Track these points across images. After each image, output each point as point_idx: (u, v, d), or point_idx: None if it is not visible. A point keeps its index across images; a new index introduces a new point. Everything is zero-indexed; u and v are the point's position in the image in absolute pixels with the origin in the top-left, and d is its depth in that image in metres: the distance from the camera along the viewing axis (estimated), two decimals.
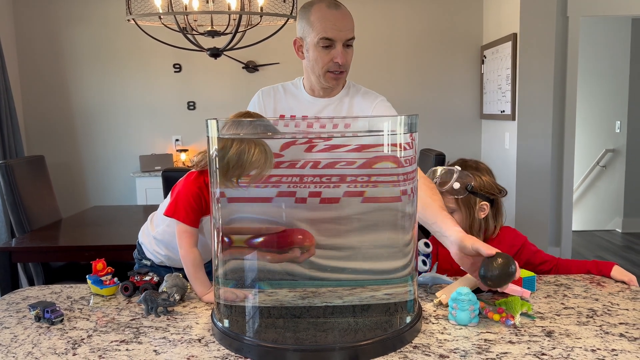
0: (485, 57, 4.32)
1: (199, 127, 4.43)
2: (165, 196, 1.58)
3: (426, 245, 1.47)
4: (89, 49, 4.37)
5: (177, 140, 4.46)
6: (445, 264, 1.55)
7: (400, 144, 1.13)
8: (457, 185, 1.60)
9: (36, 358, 1.07)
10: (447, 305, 1.29)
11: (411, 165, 1.15)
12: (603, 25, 5.27)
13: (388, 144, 1.12)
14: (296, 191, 1.09)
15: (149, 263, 1.64)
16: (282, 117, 1.70)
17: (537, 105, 3.78)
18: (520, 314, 1.23)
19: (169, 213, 1.48)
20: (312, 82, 1.69)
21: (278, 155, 1.11)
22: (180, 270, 1.55)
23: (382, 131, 1.13)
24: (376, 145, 1.12)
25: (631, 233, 5.29)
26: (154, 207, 1.71)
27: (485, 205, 1.63)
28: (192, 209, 1.46)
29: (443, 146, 4.18)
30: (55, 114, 4.41)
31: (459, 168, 1.63)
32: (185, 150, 4.38)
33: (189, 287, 1.41)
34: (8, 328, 1.23)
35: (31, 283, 2.98)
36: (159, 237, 1.60)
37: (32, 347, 1.12)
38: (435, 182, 1.59)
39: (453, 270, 1.53)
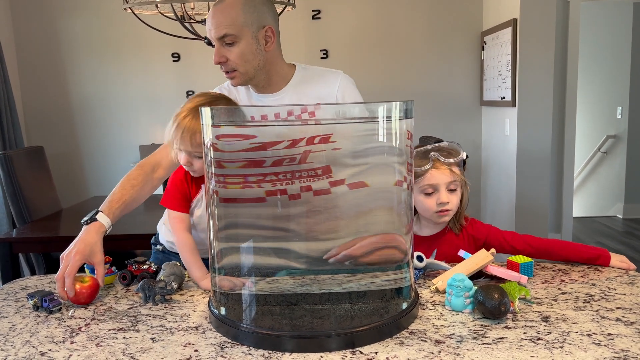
0: (486, 43, 4.29)
1: None
2: (164, 186, 1.63)
3: (419, 259, 1.41)
4: (87, 39, 4.35)
5: None
6: (444, 250, 1.55)
7: (396, 133, 1.12)
8: (464, 156, 1.51)
9: (34, 347, 1.08)
10: (444, 292, 1.30)
11: (407, 153, 1.14)
12: (604, 10, 5.22)
13: (383, 133, 1.11)
14: (288, 188, 1.08)
15: (160, 248, 1.72)
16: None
17: (538, 91, 3.76)
18: (519, 299, 1.23)
19: (162, 202, 1.52)
20: None
21: (273, 150, 1.09)
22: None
23: (377, 119, 1.12)
24: (372, 134, 1.11)
25: (632, 219, 5.29)
26: (154, 197, 1.73)
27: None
28: (180, 195, 1.49)
29: (443, 133, 4.17)
30: (54, 105, 4.41)
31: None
32: None
33: (186, 275, 1.41)
34: (6, 317, 1.24)
35: (33, 273, 2.99)
36: (166, 224, 1.66)
37: (30, 336, 1.13)
38: (435, 156, 1.49)
39: (451, 256, 1.52)
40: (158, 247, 1.75)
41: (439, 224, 1.56)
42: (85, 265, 1.47)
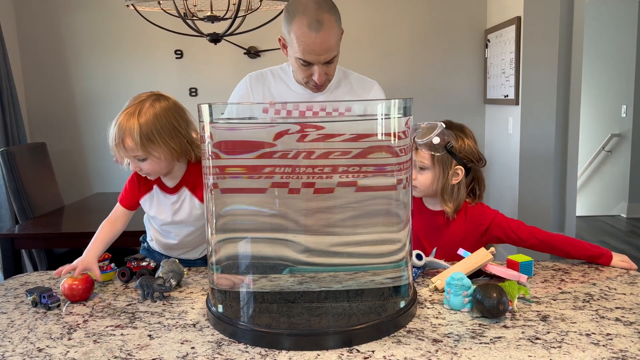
0: (489, 41, 4.27)
1: None
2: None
3: (418, 257, 1.41)
4: (90, 35, 4.35)
5: None
6: (443, 249, 1.55)
7: (394, 133, 1.11)
8: (436, 140, 1.50)
9: (31, 343, 1.08)
10: (442, 290, 1.29)
11: (405, 154, 1.14)
12: (609, 7, 5.19)
13: (382, 133, 1.10)
14: (289, 182, 1.08)
15: (146, 246, 1.75)
16: (271, 104, 1.68)
17: (541, 89, 3.74)
18: (518, 298, 1.22)
19: None
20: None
21: (271, 145, 1.09)
22: (167, 257, 1.63)
23: (376, 118, 1.11)
24: (370, 135, 1.11)
25: (636, 218, 5.26)
26: None
27: (460, 170, 1.55)
28: (126, 191, 1.60)
29: None
30: (57, 101, 4.41)
31: (443, 125, 1.54)
32: None
33: (185, 272, 1.41)
34: (5, 313, 1.24)
35: (36, 269, 3.00)
36: (145, 221, 1.72)
37: (28, 332, 1.13)
38: (416, 135, 1.52)
39: (451, 255, 1.52)
40: (145, 244, 1.76)
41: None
42: None
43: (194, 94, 4.43)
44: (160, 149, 1.43)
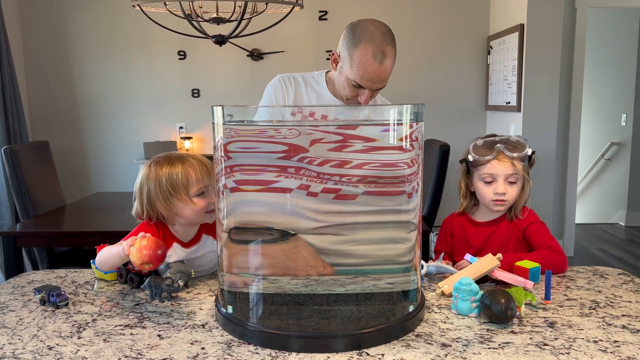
0: (492, 48, 4.30)
1: (203, 114, 4.42)
2: None
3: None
4: (93, 35, 4.36)
5: (181, 127, 4.46)
6: (494, 238, 1.58)
7: (406, 137, 1.12)
8: (529, 152, 1.57)
9: (41, 341, 1.08)
10: (449, 296, 1.30)
11: (414, 164, 1.14)
12: (611, 16, 5.22)
13: (393, 136, 1.11)
14: (300, 183, 1.09)
15: None
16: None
17: (543, 97, 3.76)
18: (524, 304, 1.23)
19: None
20: (336, 90, 1.69)
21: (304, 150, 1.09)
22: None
23: (388, 122, 1.12)
24: (382, 148, 1.12)
25: (635, 227, 5.28)
26: None
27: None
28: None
29: (447, 137, 4.16)
30: (59, 100, 4.41)
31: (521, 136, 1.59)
32: (189, 138, 4.38)
33: (193, 273, 1.41)
34: (14, 311, 1.24)
35: (35, 268, 3.00)
36: None
37: (38, 330, 1.13)
38: (500, 148, 1.55)
39: (498, 245, 1.58)
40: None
41: (495, 212, 1.62)
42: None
43: (196, 95, 4.44)
44: None
